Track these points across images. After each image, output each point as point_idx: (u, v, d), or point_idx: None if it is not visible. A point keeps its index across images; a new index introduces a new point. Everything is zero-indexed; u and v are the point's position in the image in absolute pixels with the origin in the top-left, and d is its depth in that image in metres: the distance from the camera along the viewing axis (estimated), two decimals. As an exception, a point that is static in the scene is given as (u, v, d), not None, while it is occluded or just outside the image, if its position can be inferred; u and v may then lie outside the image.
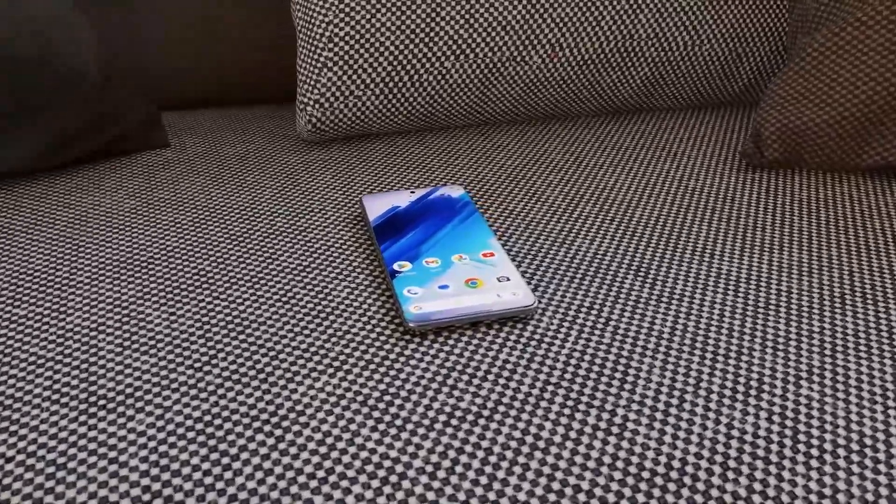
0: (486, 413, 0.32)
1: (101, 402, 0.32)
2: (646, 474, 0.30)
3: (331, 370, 0.35)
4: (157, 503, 0.28)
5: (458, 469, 0.29)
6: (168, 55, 0.70)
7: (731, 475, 0.30)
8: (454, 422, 0.32)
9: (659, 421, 0.32)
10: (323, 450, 0.30)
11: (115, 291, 0.41)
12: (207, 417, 0.32)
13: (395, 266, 0.41)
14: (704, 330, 0.38)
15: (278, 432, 0.31)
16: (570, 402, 0.33)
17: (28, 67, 0.52)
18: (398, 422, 0.32)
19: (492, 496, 0.28)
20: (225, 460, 0.30)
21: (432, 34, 0.59)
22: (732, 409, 0.33)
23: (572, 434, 0.31)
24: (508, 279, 0.40)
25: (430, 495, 0.28)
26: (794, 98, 0.55)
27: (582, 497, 0.28)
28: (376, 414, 0.32)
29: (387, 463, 0.30)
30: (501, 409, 0.32)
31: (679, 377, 0.34)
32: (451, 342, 0.37)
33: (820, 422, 0.32)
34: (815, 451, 0.31)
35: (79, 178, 0.56)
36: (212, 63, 0.71)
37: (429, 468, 0.29)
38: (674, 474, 0.30)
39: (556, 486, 0.29)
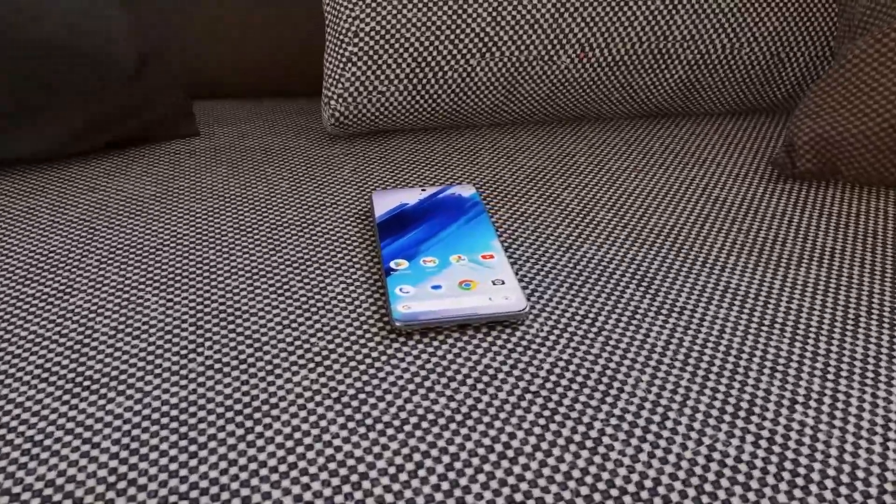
0: (458, 418, 0.32)
1: (87, 384, 0.33)
2: (614, 492, 0.29)
3: (311, 365, 0.35)
4: (122, 485, 0.28)
5: (421, 473, 0.29)
6: (206, 45, 0.72)
7: (705, 499, 0.28)
8: (425, 424, 0.31)
9: (637, 437, 0.31)
10: (289, 444, 0.30)
11: (120, 275, 0.42)
12: (184, 405, 0.32)
13: (392, 264, 0.41)
14: (700, 346, 0.36)
15: (249, 424, 0.31)
16: (546, 413, 0.32)
17: (62, 54, 0.54)
18: (368, 421, 0.31)
19: (451, 503, 0.28)
20: (192, 448, 0.30)
21: (458, 31, 0.59)
22: (717, 430, 0.31)
23: (543, 445, 0.30)
24: (503, 282, 0.39)
25: (389, 497, 0.28)
26: (830, 107, 0.52)
27: (543, 511, 0.28)
28: (348, 412, 0.32)
29: (350, 462, 0.29)
30: (475, 414, 0.32)
31: (665, 393, 0.33)
32: (435, 343, 0.36)
33: (811, 450, 0.30)
34: (800, 481, 0.29)
35: (108, 163, 0.58)
36: (248, 54, 0.73)
37: (391, 470, 0.29)
38: (644, 494, 0.28)
39: (518, 497, 0.28)
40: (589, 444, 0.31)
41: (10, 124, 0.53)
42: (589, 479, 0.29)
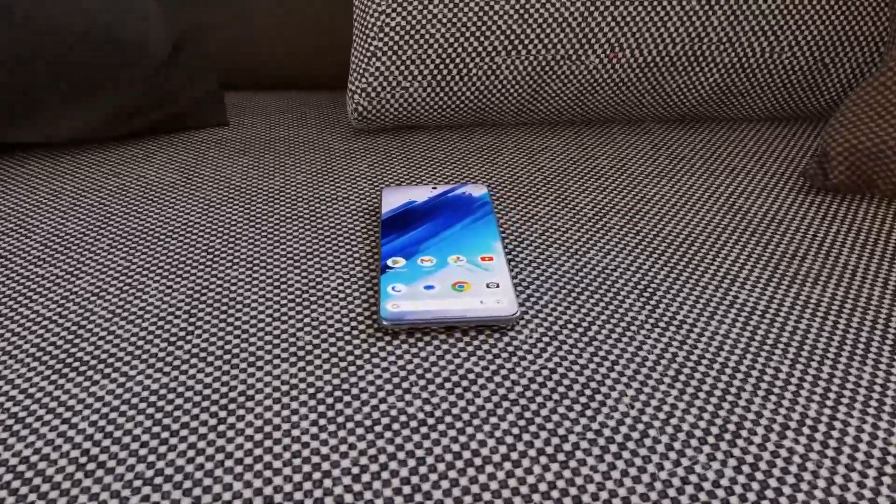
0: (430, 422, 0.31)
1: (76, 365, 0.34)
2: (580, 509, 0.28)
3: (293, 359, 0.35)
4: (91, 466, 0.29)
5: (384, 475, 0.29)
6: (242, 37, 0.73)
7: (674, 523, 0.27)
8: (396, 426, 0.31)
9: (612, 454, 0.30)
10: (258, 437, 0.30)
11: (127, 260, 0.43)
12: (163, 391, 0.33)
13: (389, 261, 0.41)
14: (694, 362, 0.35)
15: (223, 414, 0.31)
16: (521, 422, 0.31)
17: (95, 41, 0.56)
18: (340, 419, 0.31)
19: (409, 508, 0.28)
20: (164, 434, 0.30)
21: (484, 28, 0.58)
22: (698, 451, 0.30)
23: (514, 455, 0.30)
24: (498, 286, 0.39)
25: (348, 497, 0.28)
26: (869, 116, 0.49)
27: (501, 523, 0.27)
28: (321, 408, 0.32)
29: (315, 459, 0.29)
30: (448, 419, 0.31)
31: (648, 409, 0.32)
32: (420, 345, 0.36)
33: (796, 479, 0.29)
34: (780, 511, 0.28)
35: (135, 149, 0.59)
36: (285, 46, 0.73)
37: (355, 470, 0.29)
38: (610, 513, 0.28)
39: (479, 507, 0.28)
40: (560, 457, 0.30)
41: (43, 109, 0.55)
42: (555, 494, 0.28)
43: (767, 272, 0.42)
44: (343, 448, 0.30)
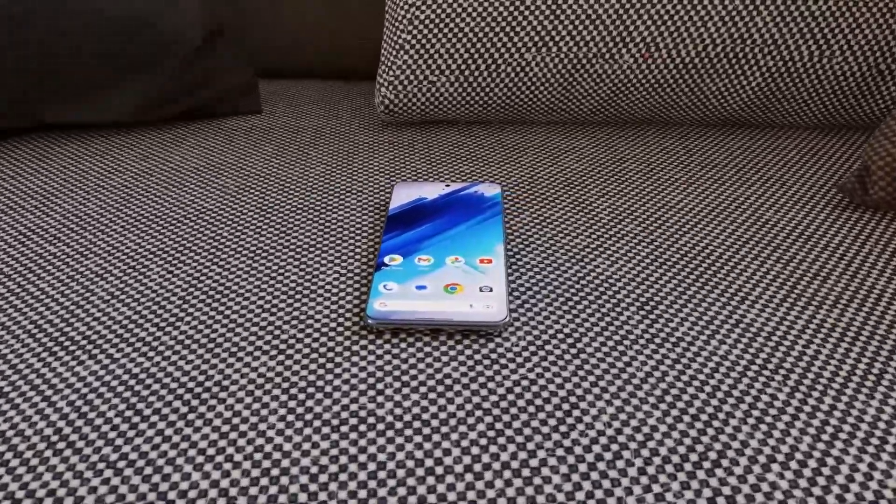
0: (398, 426, 0.31)
1: (67, 343, 0.35)
2: (537, 529, 0.27)
3: (273, 352, 0.35)
4: (60, 445, 0.30)
5: (342, 477, 0.28)
6: (288, 25, 0.74)
7: (634, 553, 0.26)
8: (362, 427, 0.31)
9: (580, 473, 0.29)
10: (225, 429, 0.30)
11: (135, 243, 0.44)
12: (143, 376, 0.33)
13: (386, 259, 0.40)
14: (685, 384, 0.33)
15: (194, 402, 0.32)
16: (490, 433, 0.30)
17: (133, 28, 0.57)
18: (308, 416, 0.31)
19: (361, 513, 0.27)
20: (135, 419, 0.31)
21: (514, 23, 0.57)
22: (672, 477, 0.29)
23: (476, 467, 0.29)
24: (491, 290, 0.38)
25: (302, 497, 0.28)
26: (916, 129, 0.46)
27: (451, 536, 0.26)
28: (292, 404, 0.32)
29: (276, 455, 0.29)
30: (416, 424, 0.31)
31: (626, 430, 0.31)
32: (402, 346, 0.35)
33: (775, 517, 0.27)
34: (751, 550, 0.26)
35: (166, 134, 0.60)
36: (329, 33, 0.74)
37: (313, 470, 0.29)
38: (568, 536, 0.26)
39: (433, 518, 0.27)
40: (525, 472, 0.29)
41: (79, 93, 0.57)
42: (514, 511, 0.27)
43: (783, 291, 0.40)
44: (305, 446, 0.30)
